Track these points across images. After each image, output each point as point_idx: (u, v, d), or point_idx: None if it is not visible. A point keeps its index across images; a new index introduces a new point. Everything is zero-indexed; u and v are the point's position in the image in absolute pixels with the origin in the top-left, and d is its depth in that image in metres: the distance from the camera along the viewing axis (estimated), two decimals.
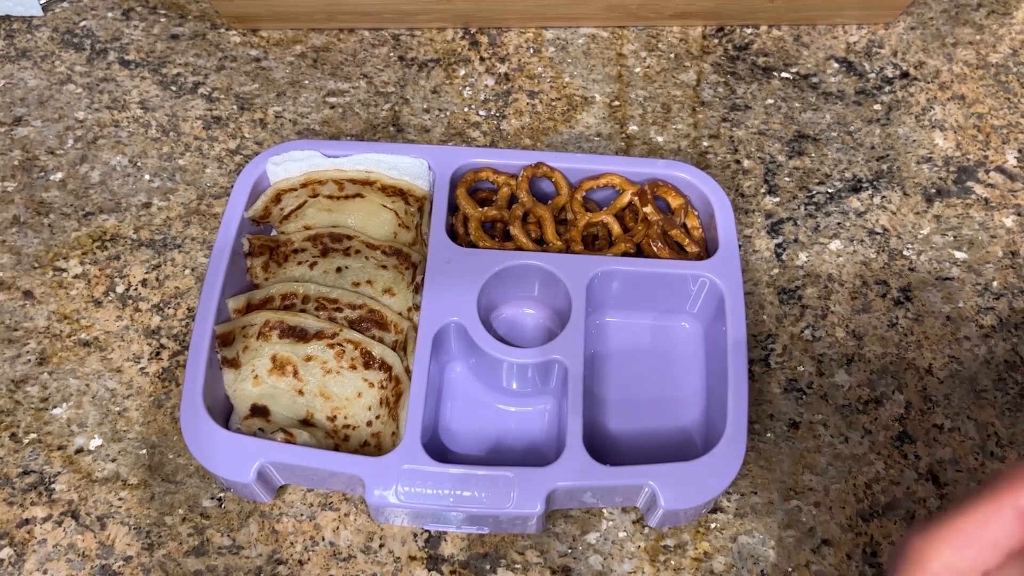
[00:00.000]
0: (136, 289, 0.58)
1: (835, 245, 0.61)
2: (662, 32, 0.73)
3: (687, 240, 0.56)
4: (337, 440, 0.51)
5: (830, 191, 0.64)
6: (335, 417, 0.51)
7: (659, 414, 0.54)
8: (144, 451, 0.52)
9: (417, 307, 0.52)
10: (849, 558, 0.49)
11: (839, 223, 0.62)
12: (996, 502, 0.26)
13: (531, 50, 0.71)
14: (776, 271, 0.60)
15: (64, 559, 0.49)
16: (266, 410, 0.51)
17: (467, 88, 0.69)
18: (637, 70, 0.70)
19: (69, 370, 0.55)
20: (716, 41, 0.72)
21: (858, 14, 0.72)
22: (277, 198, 0.58)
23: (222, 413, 0.51)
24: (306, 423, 0.51)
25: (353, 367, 0.52)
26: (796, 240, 0.61)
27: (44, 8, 0.72)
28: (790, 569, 0.49)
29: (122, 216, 0.62)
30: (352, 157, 0.58)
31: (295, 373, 0.52)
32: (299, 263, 0.56)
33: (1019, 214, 0.63)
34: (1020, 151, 0.66)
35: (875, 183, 0.64)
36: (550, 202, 0.58)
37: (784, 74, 0.70)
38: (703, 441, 0.52)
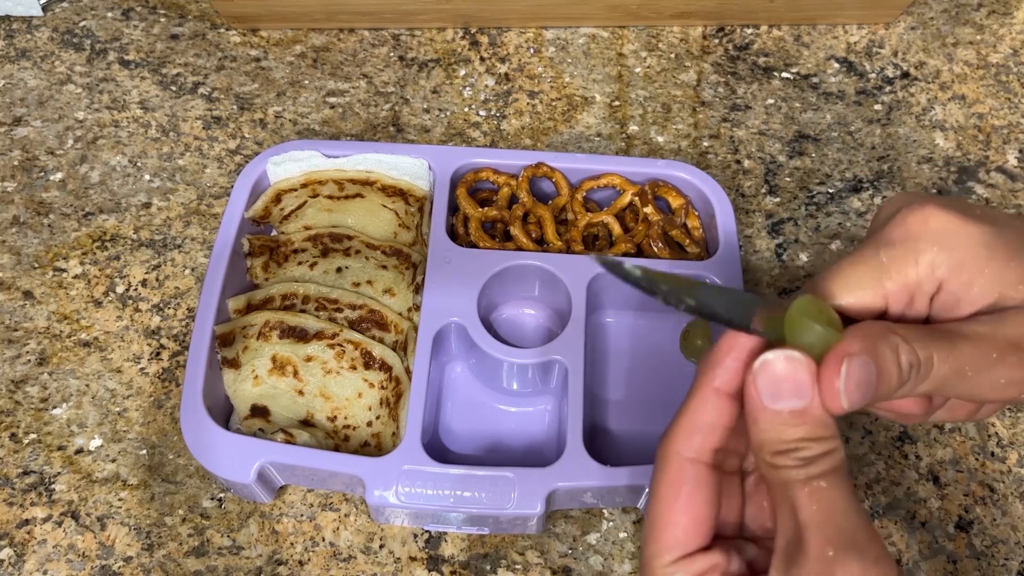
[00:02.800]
0: (136, 289, 0.58)
1: (836, 245, 0.61)
2: (662, 32, 0.73)
3: (688, 240, 0.56)
4: (337, 440, 0.51)
5: (831, 191, 0.64)
6: (335, 417, 0.51)
7: (660, 414, 0.54)
8: (144, 451, 0.52)
9: (417, 307, 0.52)
10: None
11: (840, 223, 0.62)
12: (699, 391, 0.31)
13: (531, 50, 0.71)
14: (777, 271, 0.60)
15: (64, 559, 0.49)
16: (266, 410, 0.51)
17: (467, 88, 0.69)
18: (637, 70, 0.70)
19: (69, 370, 0.55)
20: (716, 41, 0.72)
21: (858, 14, 0.72)
22: (277, 198, 0.58)
23: (222, 413, 0.51)
24: (306, 423, 0.51)
25: (353, 367, 0.52)
26: (797, 240, 0.61)
27: (44, 8, 0.72)
28: None
29: (122, 216, 0.62)
30: (352, 157, 0.58)
31: (295, 373, 0.52)
32: (299, 263, 0.56)
33: (1020, 214, 0.63)
34: (1021, 151, 0.66)
35: (876, 183, 0.64)
36: (550, 202, 0.58)
37: (784, 74, 0.70)
38: None
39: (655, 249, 0.55)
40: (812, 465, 0.29)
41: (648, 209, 0.56)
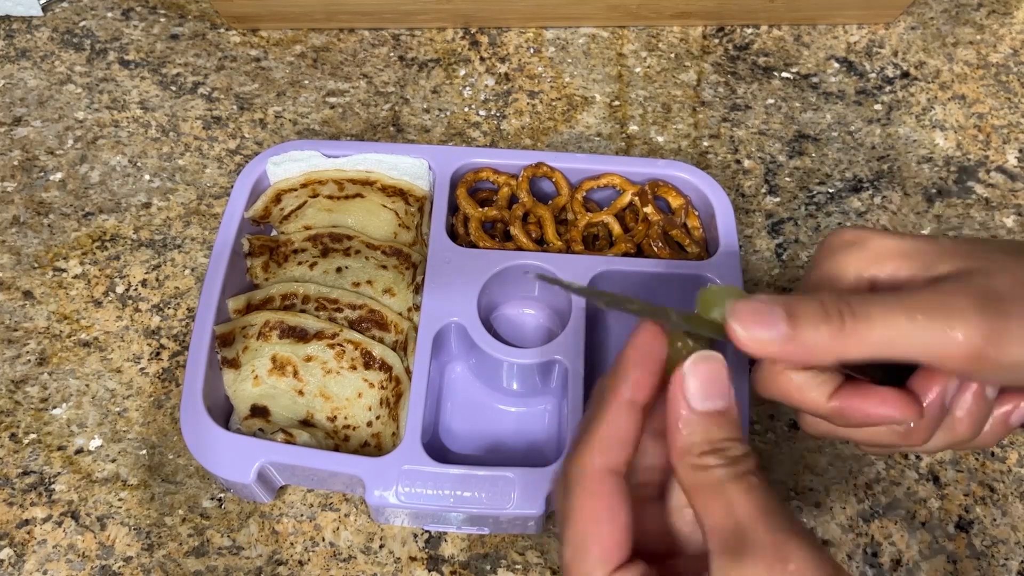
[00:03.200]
0: (136, 289, 0.58)
1: None
2: (662, 32, 0.73)
3: (688, 240, 0.56)
4: (337, 440, 0.51)
5: (831, 191, 0.64)
6: (335, 417, 0.51)
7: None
8: (144, 451, 0.52)
9: (417, 307, 0.52)
10: (850, 558, 0.49)
11: (840, 223, 0.62)
12: (611, 404, 0.31)
13: (531, 50, 0.71)
14: (777, 271, 0.60)
15: (64, 559, 0.49)
16: (266, 410, 0.51)
17: (467, 88, 0.69)
18: (637, 70, 0.70)
19: (69, 370, 0.55)
20: (716, 41, 0.72)
21: (858, 14, 0.72)
22: (277, 198, 0.58)
23: (222, 413, 0.51)
24: (306, 423, 0.51)
25: (353, 367, 0.52)
26: (797, 240, 0.61)
27: (44, 8, 0.72)
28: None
29: (122, 216, 0.62)
30: (352, 157, 0.58)
31: (295, 373, 0.52)
32: (299, 263, 0.56)
33: (1020, 214, 0.63)
34: (1021, 151, 0.66)
35: (876, 183, 0.64)
36: (550, 202, 0.58)
37: (784, 74, 0.70)
38: None
39: (655, 249, 0.55)
40: (740, 463, 0.30)
41: (648, 209, 0.56)
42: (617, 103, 0.68)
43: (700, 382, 0.31)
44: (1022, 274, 0.31)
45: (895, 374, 0.34)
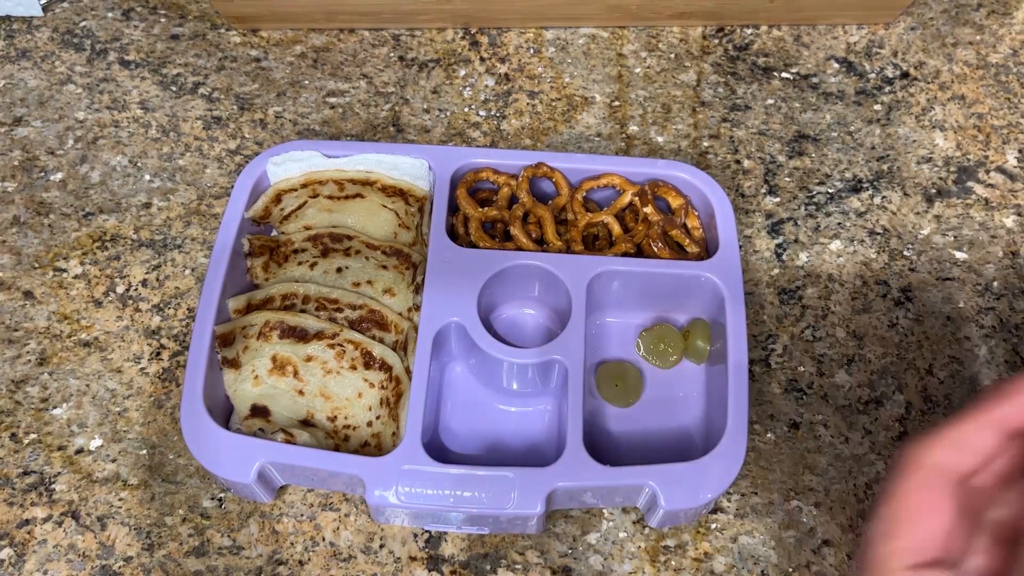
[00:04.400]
0: (136, 289, 0.58)
1: (835, 245, 0.61)
2: (662, 32, 0.73)
3: (687, 240, 0.56)
4: (337, 440, 0.51)
5: (830, 191, 0.64)
6: (335, 417, 0.51)
7: (659, 414, 0.54)
8: (144, 451, 0.52)
9: (417, 307, 0.52)
10: (850, 558, 0.49)
11: (839, 223, 0.62)
12: (978, 414, 0.30)
13: (531, 50, 0.71)
14: (776, 271, 0.60)
15: (64, 559, 0.49)
16: (266, 410, 0.51)
17: (467, 88, 0.69)
18: (637, 70, 0.70)
19: (69, 370, 0.55)
20: (716, 41, 0.72)
21: (858, 14, 0.72)
22: (277, 198, 0.58)
23: (222, 413, 0.51)
24: (306, 423, 0.51)
25: (353, 367, 0.52)
26: (796, 240, 0.61)
27: (44, 8, 0.72)
28: (791, 570, 0.49)
29: (122, 216, 0.62)
30: (352, 157, 0.58)
31: (295, 373, 0.52)
32: (299, 263, 0.56)
33: (1019, 214, 0.63)
34: (1020, 151, 0.66)
35: (875, 183, 0.64)
36: (550, 202, 0.58)
37: (784, 74, 0.70)
38: (703, 441, 0.52)
39: (655, 249, 0.55)
40: None
41: (648, 209, 0.56)
42: (617, 103, 0.68)
43: None
44: None
45: None
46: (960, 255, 0.61)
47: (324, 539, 0.50)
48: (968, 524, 0.32)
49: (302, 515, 0.50)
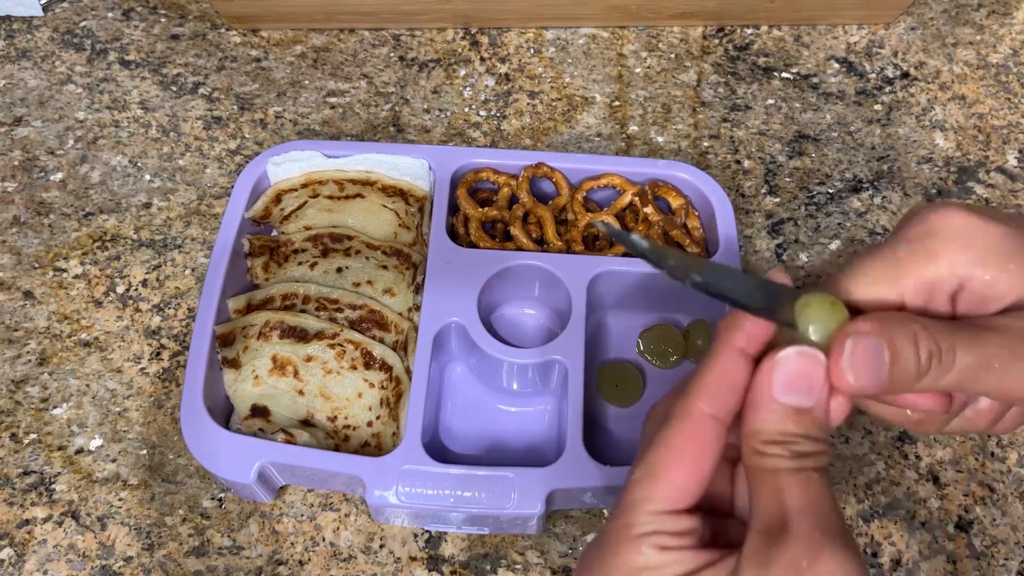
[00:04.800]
0: (136, 289, 0.58)
1: (835, 245, 0.61)
2: (662, 32, 0.73)
3: (688, 240, 0.56)
4: (337, 440, 0.51)
5: (830, 191, 0.64)
6: (335, 417, 0.51)
7: None
8: (144, 451, 0.52)
9: (417, 307, 0.52)
10: None
11: (840, 223, 0.62)
12: (723, 351, 0.31)
13: (531, 50, 0.71)
14: None
15: (64, 559, 0.49)
16: (266, 410, 0.51)
17: (467, 88, 0.69)
18: (637, 70, 0.70)
19: (69, 370, 0.55)
20: (716, 41, 0.72)
21: (858, 14, 0.72)
22: (277, 198, 0.58)
23: (222, 413, 0.51)
24: (306, 423, 0.51)
25: (353, 367, 0.52)
26: (797, 240, 0.61)
27: (44, 8, 0.72)
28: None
29: (122, 216, 0.62)
30: (352, 157, 0.58)
31: (295, 373, 0.52)
32: (299, 263, 0.56)
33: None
34: (1021, 151, 0.66)
35: (875, 183, 0.64)
36: (550, 202, 0.58)
37: (784, 74, 0.70)
38: None
39: None
40: (804, 459, 0.29)
41: (648, 209, 0.56)
42: (617, 103, 0.68)
43: (788, 374, 0.30)
44: None
45: None
46: None
47: (324, 539, 0.50)
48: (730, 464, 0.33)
49: (302, 515, 0.50)
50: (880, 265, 0.32)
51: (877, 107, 0.68)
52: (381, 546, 0.50)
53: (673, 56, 0.71)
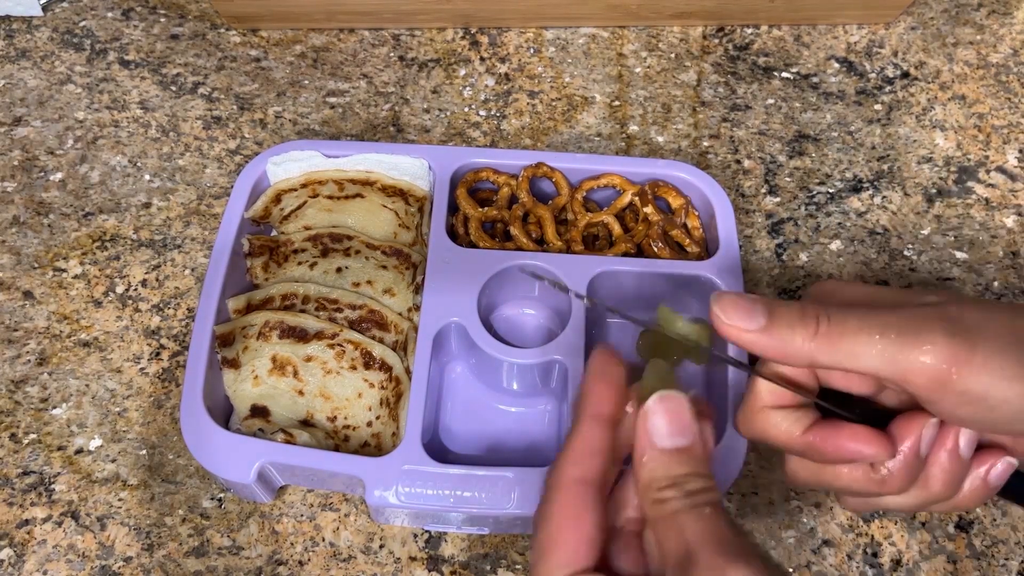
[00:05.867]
0: (136, 289, 0.58)
1: (836, 245, 0.61)
2: (662, 32, 0.73)
3: (687, 240, 0.56)
4: (337, 440, 0.51)
5: (831, 191, 0.64)
6: (335, 417, 0.51)
7: None
8: (144, 451, 0.52)
9: (417, 307, 0.52)
10: (850, 558, 0.49)
11: (840, 223, 0.62)
12: (582, 420, 0.34)
13: (531, 50, 0.71)
14: (777, 271, 0.60)
15: (64, 560, 0.49)
16: (266, 410, 0.51)
17: (467, 88, 0.69)
18: (637, 70, 0.70)
19: (69, 370, 0.55)
20: (716, 41, 0.72)
21: (858, 14, 0.72)
22: (277, 198, 0.58)
23: (222, 413, 0.51)
24: (306, 423, 0.51)
25: (353, 367, 0.52)
26: (797, 240, 0.61)
27: (44, 8, 0.72)
28: (791, 570, 0.49)
29: (122, 216, 0.62)
30: (352, 157, 0.58)
31: (295, 373, 0.52)
32: (299, 263, 0.56)
33: (1020, 214, 0.63)
34: (1021, 151, 0.66)
35: (876, 183, 0.64)
36: (550, 202, 0.58)
37: (784, 74, 0.70)
38: None
39: (655, 249, 0.55)
40: (698, 495, 0.31)
41: (648, 209, 0.56)
42: (617, 103, 0.68)
43: (663, 421, 0.32)
44: (992, 311, 0.33)
45: (874, 420, 0.35)
46: (960, 255, 0.61)
47: (324, 539, 0.50)
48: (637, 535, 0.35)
49: (302, 515, 0.50)
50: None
51: (877, 107, 0.68)
52: (381, 546, 0.49)
53: (673, 56, 0.71)
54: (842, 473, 0.36)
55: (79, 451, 0.52)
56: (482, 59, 0.71)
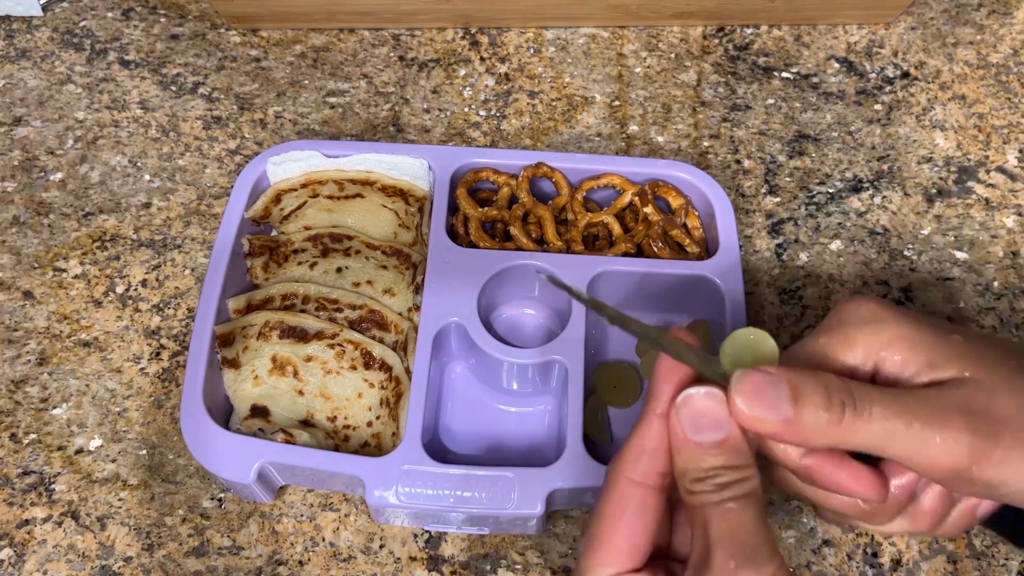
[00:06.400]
0: (136, 289, 0.58)
1: (836, 245, 0.61)
2: (662, 32, 0.73)
3: (687, 240, 0.56)
4: (337, 440, 0.51)
5: (831, 191, 0.64)
6: (335, 417, 0.51)
7: None
8: (144, 451, 0.52)
9: (417, 307, 0.52)
10: (850, 558, 0.49)
11: (840, 223, 0.62)
12: (644, 417, 0.33)
13: (531, 50, 0.71)
14: (777, 271, 0.60)
15: (64, 560, 0.49)
16: (266, 410, 0.51)
17: (467, 88, 0.69)
18: (637, 70, 0.70)
19: (69, 370, 0.55)
20: (716, 41, 0.72)
21: (858, 14, 0.72)
22: (277, 198, 0.58)
23: (222, 413, 0.51)
24: (306, 423, 0.51)
25: (353, 367, 0.52)
26: (797, 240, 0.61)
27: (44, 8, 0.72)
28: (791, 570, 0.49)
29: (122, 216, 0.62)
30: (352, 157, 0.58)
31: (295, 373, 0.52)
32: (299, 263, 0.56)
33: (1020, 214, 0.63)
34: (1021, 151, 0.66)
35: (876, 183, 0.64)
36: (550, 202, 0.58)
37: (784, 74, 0.70)
38: None
39: (655, 249, 0.55)
40: (725, 490, 0.31)
41: (648, 209, 0.56)
42: (617, 103, 0.68)
43: (692, 414, 0.32)
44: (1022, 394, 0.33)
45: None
46: (960, 255, 0.61)
47: (324, 539, 0.50)
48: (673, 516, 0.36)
49: (302, 515, 0.50)
50: (803, 351, 0.36)
51: (877, 107, 0.68)
52: (381, 546, 0.49)
53: (673, 56, 0.71)
54: (832, 496, 0.36)
55: (79, 451, 0.52)
56: (482, 59, 0.71)
